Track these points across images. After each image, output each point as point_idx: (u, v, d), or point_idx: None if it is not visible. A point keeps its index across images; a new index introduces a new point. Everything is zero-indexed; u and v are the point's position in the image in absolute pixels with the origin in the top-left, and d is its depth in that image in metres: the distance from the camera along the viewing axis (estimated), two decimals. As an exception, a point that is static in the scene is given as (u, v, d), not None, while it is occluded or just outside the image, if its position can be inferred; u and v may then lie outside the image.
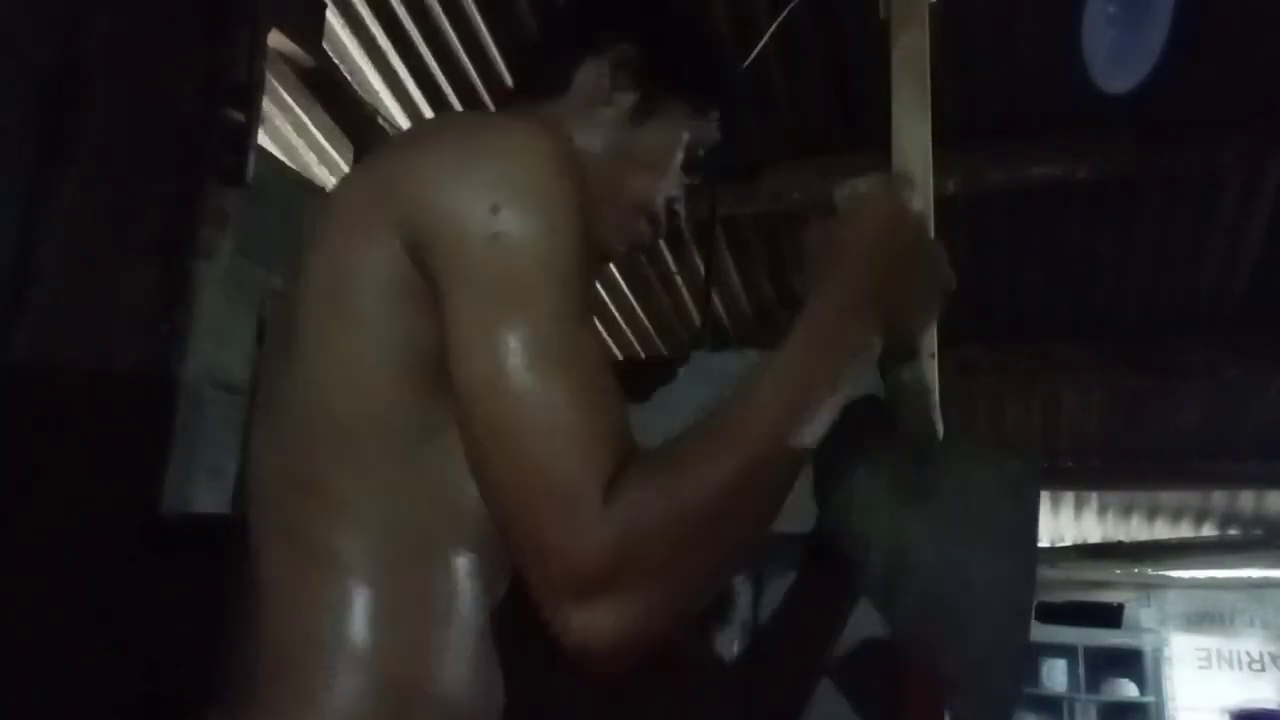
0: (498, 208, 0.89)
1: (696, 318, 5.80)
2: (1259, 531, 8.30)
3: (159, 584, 2.22)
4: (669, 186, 1.35)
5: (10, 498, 2.26)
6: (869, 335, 0.99)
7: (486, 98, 4.48)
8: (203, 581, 2.20)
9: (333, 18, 4.06)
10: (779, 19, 2.74)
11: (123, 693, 2.17)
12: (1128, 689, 7.97)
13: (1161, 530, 8.68)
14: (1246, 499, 8.12)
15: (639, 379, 2.04)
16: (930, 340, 1.28)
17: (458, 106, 4.55)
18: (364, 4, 4.14)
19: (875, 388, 1.10)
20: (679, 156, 1.35)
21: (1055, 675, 8.01)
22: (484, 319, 0.88)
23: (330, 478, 0.95)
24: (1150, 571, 8.17)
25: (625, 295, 5.93)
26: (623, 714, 1.67)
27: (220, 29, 2.62)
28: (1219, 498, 8.18)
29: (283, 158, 4.46)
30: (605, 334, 6.37)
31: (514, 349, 0.85)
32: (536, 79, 1.35)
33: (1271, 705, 7.81)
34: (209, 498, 2.50)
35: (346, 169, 4.44)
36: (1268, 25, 3.58)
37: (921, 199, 1.40)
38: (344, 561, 0.93)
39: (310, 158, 4.89)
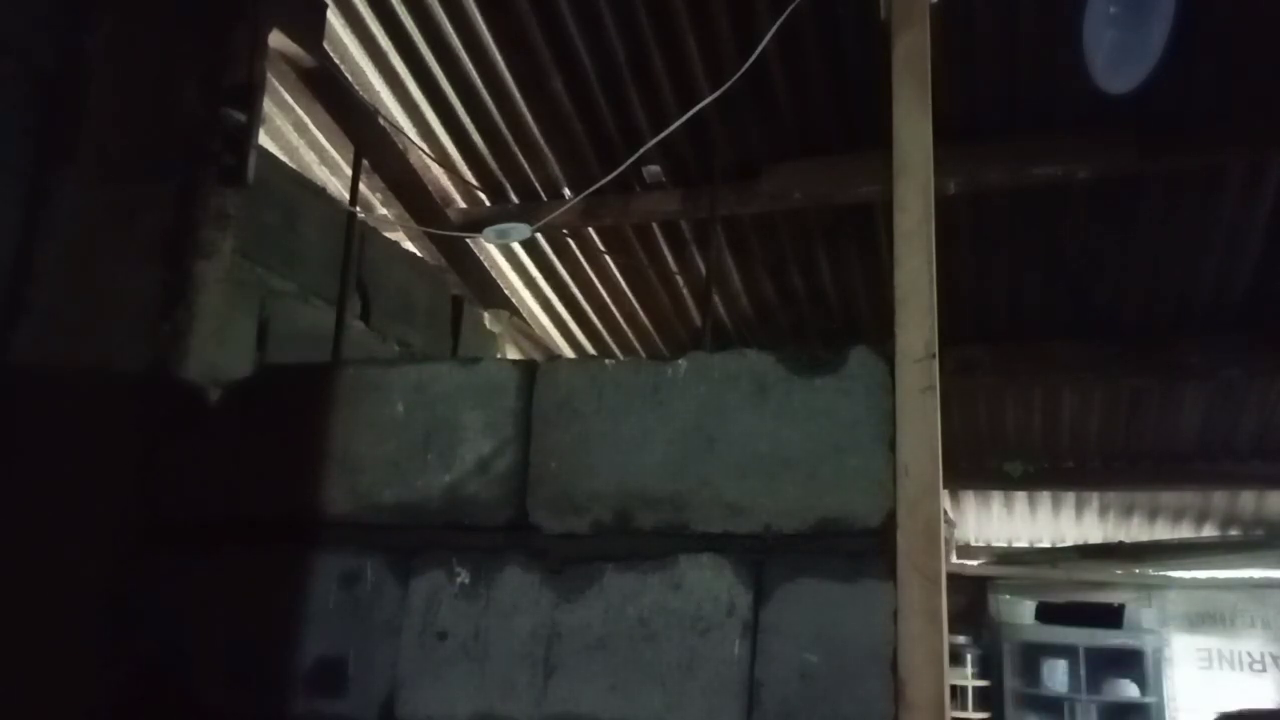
0: None
1: (696, 318, 5.79)
2: (1260, 532, 8.30)
3: (160, 582, 2.21)
4: None
5: (11, 497, 2.25)
6: None
7: (487, 97, 4.47)
8: (203, 579, 2.21)
9: (333, 18, 4.06)
10: (779, 19, 2.75)
11: (124, 688, 2.16)
12: (1128, 689, 7.95)
13: (1162, 531, 8.68)
14: (1247, 499, 8.13)
15: (639, 379, 2.04)
16: (931, 340, 1.28)
17: (458, 106, 4.55)
18: (364, 4, 4.13)
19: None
20: None
21: (1056, 675, 7.99)
22: None
23: None
24: (1151, 572, 8.17)
25: (625, 295, 5.92)
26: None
27: (220, 29, 2.62)
28: (1220, 498, 8.19)
29: (283, 158, 4.46)
30: (606, 334, 6.37)
31: None
32: None
33: (1272, 705, 7.81)
34: (209, 497, 2.50)
35: (347, 169, 4.44)
36: (1268, 25, 3.58)
37: (921, 199, 1.41)
38: None
39: (310, 157, 4.89)
